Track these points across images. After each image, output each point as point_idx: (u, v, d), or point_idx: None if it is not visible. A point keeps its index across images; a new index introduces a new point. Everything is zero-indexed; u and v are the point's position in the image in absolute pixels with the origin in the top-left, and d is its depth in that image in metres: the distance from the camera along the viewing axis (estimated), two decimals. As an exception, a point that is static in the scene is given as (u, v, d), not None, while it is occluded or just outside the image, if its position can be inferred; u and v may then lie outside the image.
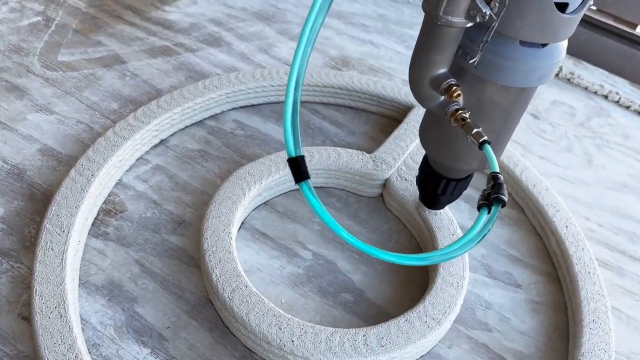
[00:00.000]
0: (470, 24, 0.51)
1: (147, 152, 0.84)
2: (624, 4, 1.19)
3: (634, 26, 1.27)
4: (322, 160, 0.80)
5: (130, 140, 0.79)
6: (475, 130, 0.55)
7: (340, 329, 0.63)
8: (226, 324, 0.66)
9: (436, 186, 0.70)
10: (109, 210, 0.76)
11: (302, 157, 0.56)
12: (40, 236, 0.67)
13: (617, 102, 1.09)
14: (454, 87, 0.55)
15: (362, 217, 0.81)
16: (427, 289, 0.71)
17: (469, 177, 0.70)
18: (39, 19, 1.05)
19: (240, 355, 0.64)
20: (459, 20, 0.50)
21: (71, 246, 0.67)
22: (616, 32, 1.20)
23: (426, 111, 0.67)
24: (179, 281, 0.70)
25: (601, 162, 0.97)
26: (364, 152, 0.83)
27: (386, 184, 0.82)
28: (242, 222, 0.77)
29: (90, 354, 0.61)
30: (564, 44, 0.56)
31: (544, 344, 0.70)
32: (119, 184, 0.79)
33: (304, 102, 0.96)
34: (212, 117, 0.91)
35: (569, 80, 1.12)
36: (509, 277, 0.77)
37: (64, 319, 0.60)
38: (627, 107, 1.09)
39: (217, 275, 0.66)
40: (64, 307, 0.61)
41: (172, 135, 0.87)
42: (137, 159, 0.83)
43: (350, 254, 0.76)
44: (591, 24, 1.22)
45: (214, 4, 1.16)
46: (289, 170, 0.77)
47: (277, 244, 0.76)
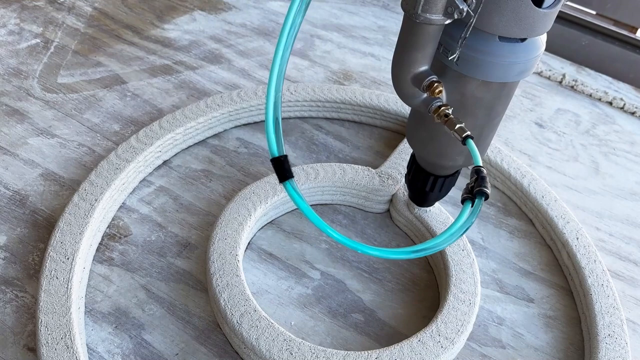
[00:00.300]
0: (448, 21, 0.52)
1: (150, 174, 0.83)
2: (623, 8, 1.19)
3: (634, 30, 1.26)
4: (327, 177, 0.79)
5: (133, 162, 0.78)
6: (458, 125, 0.56)
7: (352, 352, 0.61)
8: (235, 349, 0.65)
9: (424, 183, 0.71)
10: (114, 234, 0.75)
11: (285, 156, 0.57)
12: (44, 264, 0.66)
13: (621, 108, 1.08)
14: (436, 84, 0.56)
15: (370, 233, 0.80)
16: (439, 306, 0.69)
17: (456, 174, 0.72)
18: (38, 40, 1.04)
19: (250, 381, 0.63)
20: (437, 17, 0.51)
21: (76, 274, 0.66)
22: (618, 37, 1.19)
23: (411, 109, 0.68)
24: (186, 306, 0.69)
25: (608, 170, 0.96)
26: (370, 168, 0.82)
27: (393, 200, 0.81)
28: (249, 243, 0.76)
29: (98, 384, 0.60)
30: (543, 38, 0.57)
31: (560, 360, 0.69)
32: (123, 207, 0.78)
33: (307, 118, 0.95)
34: (215, 135, 0.90)
35: (572, 87, 1.11)
36: (520, 291, 0.76)
37: (71, 350, 0.59)
38: (632, 113, 1.08)
39: (225, 299, 0.64)
40: (70, 338, 0.59)
41: (175, 155, 0.86)
42: (140, 181, 0.82)
43: (359, 273, 0.75)
44: (592, 29, 1.21)
45: (212, 21, 1.15)
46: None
47: (285, 264, 0.74)
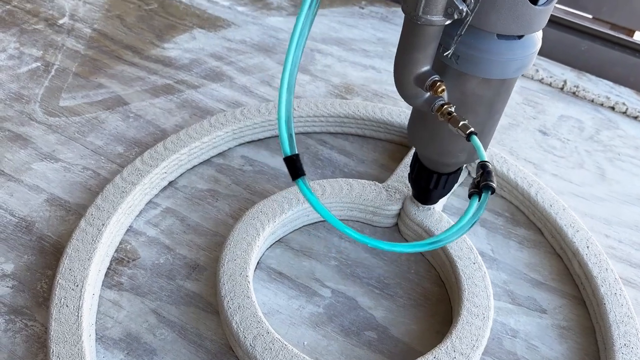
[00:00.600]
0: (448, 22, 0.53)
1: (156, 195, 0.83)
2: (619, 11, 1.19)
3: (632, 33, 1.26)
4: (334, 193, 0.79)
5: (139, 185, 0.78)
6: (461, 122, 0.57)
7: (367, 372, 0.61)
8: (249, 372, 0.65)
9: (428, 182, 0.72)
10: (122, 258, 0.74)
11: (297, 155, 0.57)
12: (53, 292, 0.65)
13: (624, 112, 1.08)
14: (438, 83, 0.57)
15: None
16: (452, 322, 0.69)
17: (458, 171, 0.73)
18: (38, 64, 1.04)
19: (266, 404, 0.62)
20: (438, 18, 0.53)
21: (86, 301, 0.65)
22: (616, 42, 1.20)
23: (412, 109, 0.69)
24: (198, 329, 0.68)
25: (614, 176, 0.96)
26: (376, 182, 0.81)
27: (401, 214, 0.80)
28: (258, 262, 0.76)
29: (111, 413, 0.59)
30: (539, 34, 0.59)
31: (576, 372, 0.69)
32: (130, 230, 0.78)
33: (311, 134, 0.95)
34: (220, 154, 0.90)
35: (574, 93, 1.11)
36: (533, 302, 0.75)
37: (84, 379, 0.58)
38: (635, 118, 1.08)
39: (237, 322, 0.64)
40: (83, 367, 0.59)
41: (180, 176, 0.86)
42: (147, 203, 0.81)
43: (370, 289, 0.74)
44: (590, 34, 1.21)
45: (212, 38, 1.15)
46: (302, 205, 0.77)
47: (295, 283, 0.74)
